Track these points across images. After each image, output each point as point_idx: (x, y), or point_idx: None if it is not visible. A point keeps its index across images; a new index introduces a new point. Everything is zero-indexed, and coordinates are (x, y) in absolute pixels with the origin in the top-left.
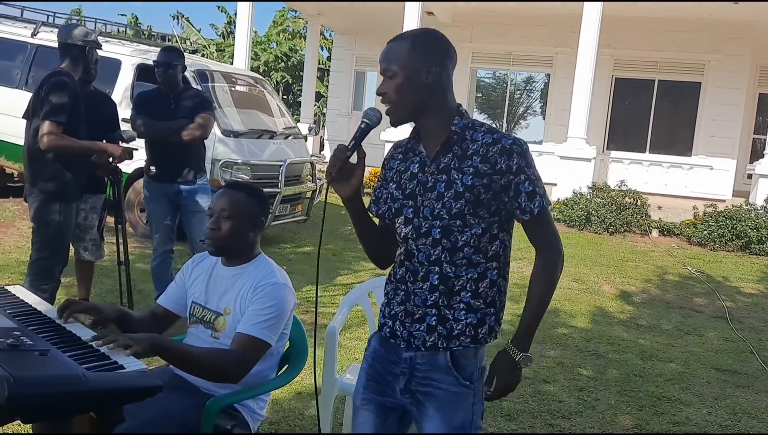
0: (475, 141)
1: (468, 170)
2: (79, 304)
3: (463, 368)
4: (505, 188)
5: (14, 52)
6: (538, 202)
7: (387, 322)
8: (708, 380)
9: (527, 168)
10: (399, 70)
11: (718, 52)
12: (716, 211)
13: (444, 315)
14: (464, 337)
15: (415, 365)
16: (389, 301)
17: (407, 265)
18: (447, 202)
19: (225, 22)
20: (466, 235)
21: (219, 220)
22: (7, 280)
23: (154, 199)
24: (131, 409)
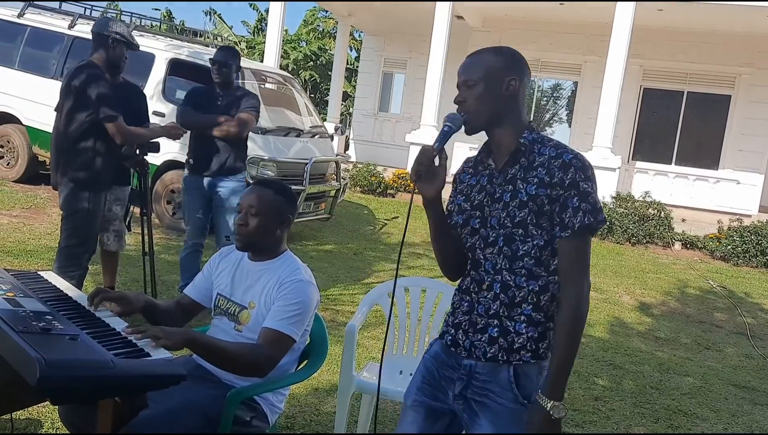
0: (542, 154)
1: (533, 180)
2: (108, 293)
3: (523, 386)
4: (554, 201)
5: (51, 43)
6: (580, 219)
7: (449, 331)
8: (725, 396)
9: (582, 183)
10: (480, 79)
11: (751, 65)
12: (741, 226)
13: (505, 327)
14: (525, 351)
15: (475, 374)
16: (454, 311)
17: (473, 275)
18: (511, 210)
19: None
20: (527, 245)
21: (247, 216)
22: (37, 265)
23: (188, 191)
24: (154, 396)
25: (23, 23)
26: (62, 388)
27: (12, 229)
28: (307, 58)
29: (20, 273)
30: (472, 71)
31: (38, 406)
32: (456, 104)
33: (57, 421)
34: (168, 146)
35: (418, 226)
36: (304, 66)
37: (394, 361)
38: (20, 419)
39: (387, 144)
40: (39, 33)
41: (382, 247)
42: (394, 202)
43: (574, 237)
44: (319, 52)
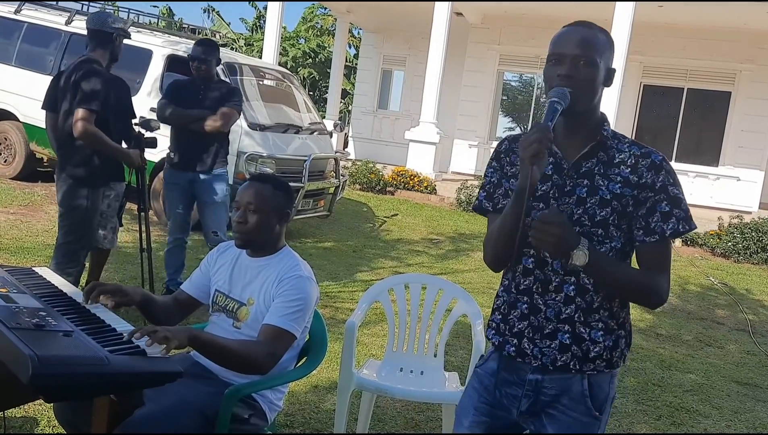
0: (621, 151)
1: (616, 178)
2: (105, 286)
3: (596, 397)
4: (640, 204)
5: (48, 39)
6: (673, 226)
7: (510, 341)
8: (728, 393)
9: (671, 186)
10: (595, 60)
11: (751, 61)
12: (742, 223)
13: (579, 333)
14: (600, 360)
15: (542, 389)
16: (505, 317)
17: (537, 274)
18: (590, 208)
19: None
20: (605, 247)
21: (246, 213)
22: (34, 262)
23: (169, 187)
24: (150, 394)
25: (20, 19)
26: (56, 386)
27: (9, 226)
28: (306, 56)
29: (14, 269)
30: (588, 49)
31: (34, 404)
32: (558, 77)
33: (53, 420)
34: (165, 143)
35: (417, 223)
36: (302, 63)
37: (395, 359)
38: (15, 417)
39: (386, 141)
40: (36, 29)
41: (381, 244)
42: (394, 199)
43: (660, 242)
44: (317, 49)
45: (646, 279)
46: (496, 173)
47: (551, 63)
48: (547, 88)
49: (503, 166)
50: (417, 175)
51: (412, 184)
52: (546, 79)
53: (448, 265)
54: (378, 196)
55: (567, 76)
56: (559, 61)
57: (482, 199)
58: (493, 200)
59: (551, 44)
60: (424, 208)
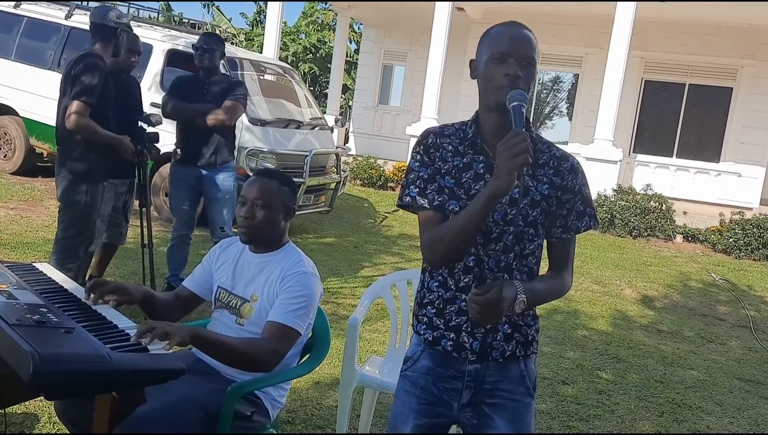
0: (543, 152)
1: (543, 179)
2: (107, 284)
3: (531, 376)
4: (562, 204)
5: (48, 34)
6: (586, 223)
7: (447, 335)
8: (730, 389)
9: (585, 187)
10: (535, 61)
11: (753, 57)
12: (743, 219)
13: (515, 322)
14: (535, 342)
15: (482, 377)
16: (440, 311)
17: (475, 273)
18: (523, 208)
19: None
20: (533, 245)
21: (253, 208)
22: (34, 257)
23: (175, 183)
24: (152, 391)
25: (20, 14)
26: (57, 383)
27: (9, 221)
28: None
29: (15, 265)
30: (531, 50)
31: (35, 401)
32: (506, 77)
33: (54, 416)
34: (166, 138)
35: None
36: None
37: (397, 355)
38: (16, 414)
39: (387, 137)
40: (36, 23)
41: (382, 239)
42: (395, 195)
43: (573, 238)
44: (318, 44)
45: (558, 283)
46: (426, 168)
47: (494, 62)
48: (486, 87)
49: (434, 160)
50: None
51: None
52: (487, 78)
53: None
54: (379, 192)
55: (515, 76)
56: (503, 60)
57: (415, 195)
58: (427, 197)
59: (490, 43)
60: None
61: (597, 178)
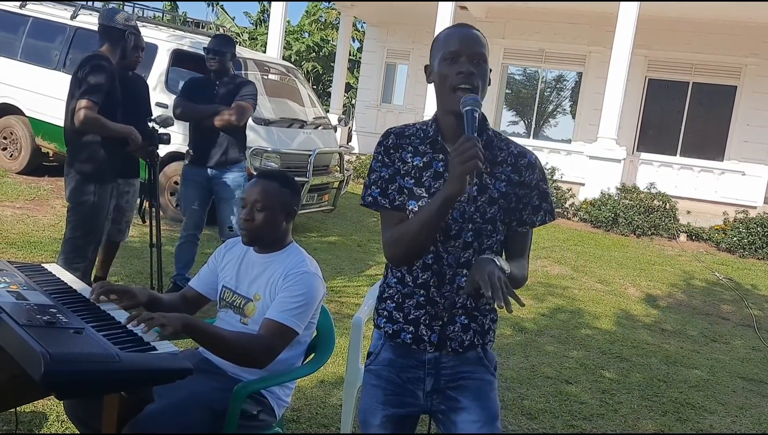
0: (502, 149)
1: (501, 177)
2: (113, 287)
3: (490, 360)
4: (520, 200)
5: (54, 34)
6: (541, 217)
7: (406, 328)
8: (733, 389)
9: (542, 183)
10: (486, 57)
11: (757, 55)
12: (747, 218)
13: (472, 314)
14: (492, 331)
15: (441, 364)
16: (399, 306)
17: (434, 269)
18: (481, 206)
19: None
20: (491, 240)
21: (253, 211)
22: (41, 257)
23: (186, 182)
24: (160, 390)
25: (25, 14)
26: (67, 383)
27: (16, 220)
28: (310, 50)
29: (24, 265)
30: (481, 47)
31: (44, 400)
32: (459, 75)
33: (62, 415)
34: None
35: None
36: (306, 57)
37: None
38: (25, 413)
39: None
40: (41, 24)
41: None
42: None
43: (529, 232)
44: (321, 43)
45: (523, 270)
46: (386, 168)
47: (446, 62)
48: (444, 88)
49: (394, 161)
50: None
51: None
52: (442, 78)
53: None
54: None
55: (469, 72)
56: (455, 59)
57: (376, 195)
58: (389, 197)
59: (441, 45)
60: None
61: (600, 176)
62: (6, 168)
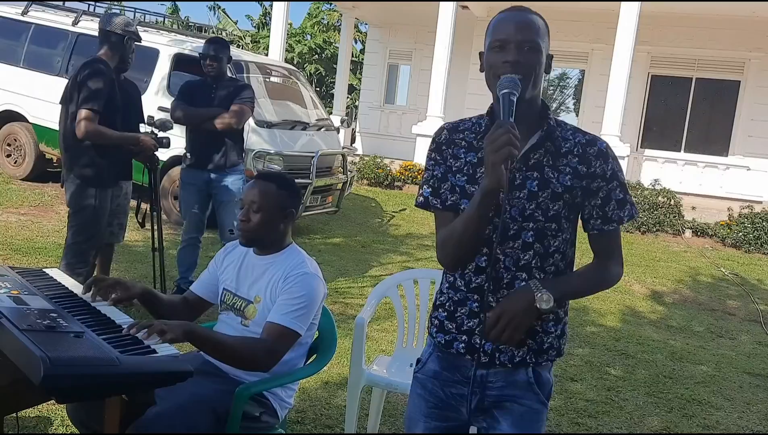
0: (566, 139)
1: (565, 170)
2: (106, 280)
3: (543, 384)
4: (594, 193)
5: (56, 40)
6: (628, 211)
7: (459, 338)
8: (740, 384)
9: (620, 173)
10: (540, 45)
11: (760, 50)
12: (752, 213)
13: (532, 328)
14: (552, 350)
15: (488, 383)
16: (452, 315)
17: (489, 272)
18: (543, 202)
19: (260, 13)
20: (558, 240)
21: (249, 212)
22: (46, 262)
23: (185, 186)
24: (162, 393)
25: (27, 21)
26: (67, 387)
27: (20, 226)
28: (312, 52)
29: (25, 270)
30: (531, 33)
31: (47, 404)
32: (505, 63)
33: (66, 419)
34: (174, 142)
35: (425, 218)
36: (309, 59)
37: (405, 354)
38: (29, 417)
39: (393, 136)
40: (43, 30)
41: (390, 239)
42: (402, 194)
43: (616, 229)
44: (323, 45)
45: (600, 273)
46: (438, 166)
47: (494, 50)
48: (491, 77)
49: (446, 159)
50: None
51: (420, 179)
52: (489, 67)
53: None
54: (386, 191)
55: (515, 62)
56: (503, 47)
57: (428, 195)
58: (440, 196)
59: (491, 31)
60: None
61: None
62: (10, 174)
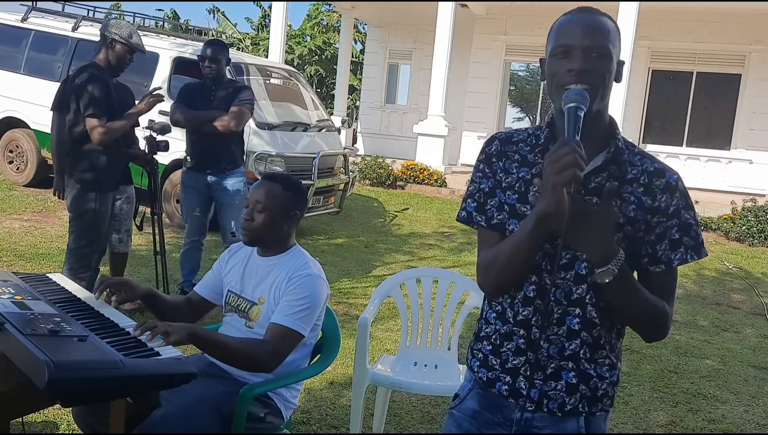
0: (633, 165)
1: (629, 199)
2: (111, 280)
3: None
4: (652, 229)
5: (56, 46)
6: (681, 256)
7: (503, 378)
8: (745, 378)
9: (684, 211)
10: (611, 51)
11: (761, 42)
12: (756, 206)
13: (584, 370)
14: (607, 398)
15: (532, 429)
16: (497, 349)
17: (537, 304)
18: None
19: (260, 15)
20: None
21: (253, 211)
22: (50, 268)
23: (186, 189)
24: (166, 395)
25: (27, 27)
26: (72, 390)
27: (23, 232)
28: (312, 53)
29: (28, 276)
30: (600, 38)
31: (53, 408)
32: (570, 72)
33: (72, 423)
34: (176, 145)
35: (428, 217)
36: (309, 61)
37: (409, 353)
38: (35, 422)
39: (395, 136)
40: (43, 36)
41: (393, 239)
42: (404, 193)
43: (665, 272)
44: (323, 46)
45: (661, 303)
46: (487, 180)
47: (557, 57)
48: (553, 88)
49: (495, 172)
50: (426, 168)
51: (422, 178)
52: (552, 76)
53: (461, 257)
54: (388, 191)
55: (582, 70)
56: (568, 53)
57: (472, 210)
58: (486, 214)
59: (554, 35)
60: (434, 202)
61: None
62: (13, 181)
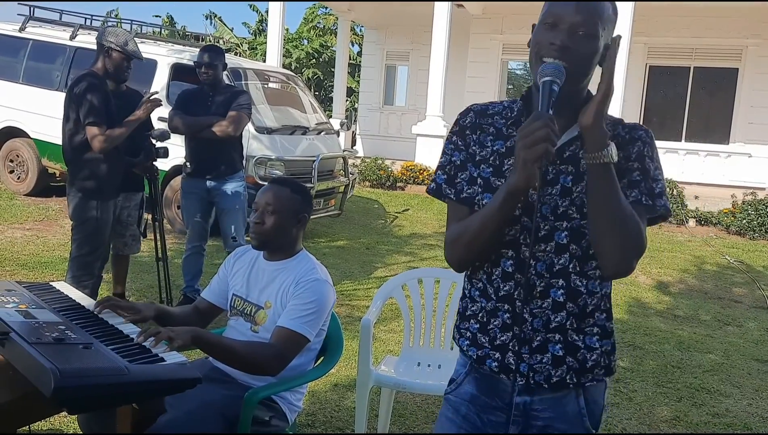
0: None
1: None
2: (118, 302)
3: (593, 414)
4: (620, 173)
5: (54, 55)
6: (635, 195)
7: (492, 354)
8: (748, 371)
9: (649, 159)
10: (600, 32)
11: (758, 36)
12: (755, 200)
13: (572, 342)
14: (599, 368)
15: (532, 412)
16: (484, 326)
17: (518, 279)
18: (577, 198)
19: (257, 20)
20: None
21: (264, 214)
22: (52, 276)
23: (186, 195)
24: (172, 401)
25: (25, 37)
26: (78, 398)
27: (26, 241)
28: (310, 56)
29: (32, 284)
30: (592, 16)
31: (59, 416)
32: (551, 45)
33: (78, 431)
34: (176, 151)
35: (428, 217)
36: (306, 64)
37: (412, 354)
38: (41, 430)
39: (394, 137)
40: (41, 46)
41: (394, 240)
42: (404, 194)
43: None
44: (321, 49)
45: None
46: (459, 153)
47: (544, 27)
48: (534, 57)
49: (468, 145)
50: (426, 169)
51: (422, 178)
52: (535, 44)
53: None
54: (388, 192)
55: (563, 46)
56: (555, 25)
57: (441, 181)
58: (455, 186)
59: (546, 6)
60: (434, 202)
61: None
62: (14, 190)
